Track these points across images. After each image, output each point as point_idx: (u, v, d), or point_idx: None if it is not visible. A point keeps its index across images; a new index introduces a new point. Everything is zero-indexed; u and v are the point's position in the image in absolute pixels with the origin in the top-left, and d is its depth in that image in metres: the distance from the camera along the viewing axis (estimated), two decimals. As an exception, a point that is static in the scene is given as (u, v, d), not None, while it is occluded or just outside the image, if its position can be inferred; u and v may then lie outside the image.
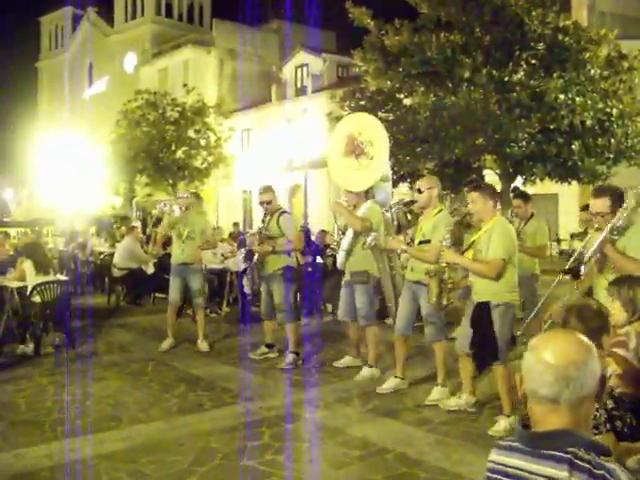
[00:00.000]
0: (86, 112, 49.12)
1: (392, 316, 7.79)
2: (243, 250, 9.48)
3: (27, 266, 9.26)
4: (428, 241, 6.44)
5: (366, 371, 7.47)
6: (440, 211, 6.57)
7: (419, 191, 6.59)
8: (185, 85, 36.92)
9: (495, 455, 1.89)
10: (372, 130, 7.72)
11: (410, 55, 16.38)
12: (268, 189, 8.44)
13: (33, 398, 6.86)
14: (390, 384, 6.87)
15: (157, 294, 13.22)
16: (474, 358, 5.93)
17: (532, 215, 8.32)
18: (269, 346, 8.73)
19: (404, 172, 17.18)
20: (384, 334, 8.38)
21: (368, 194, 7.69)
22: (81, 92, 52.53)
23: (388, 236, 7.13)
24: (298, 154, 27.51)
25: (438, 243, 6.13)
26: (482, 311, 5.73)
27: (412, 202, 7.34)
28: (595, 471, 1.67)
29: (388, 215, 8.12)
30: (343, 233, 7.73)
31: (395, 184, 17.68)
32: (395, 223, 8.91)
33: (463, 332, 6.03)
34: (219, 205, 38.60)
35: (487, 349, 5.69)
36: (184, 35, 44.77)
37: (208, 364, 8.37)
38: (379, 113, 18.02)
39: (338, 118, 19.19)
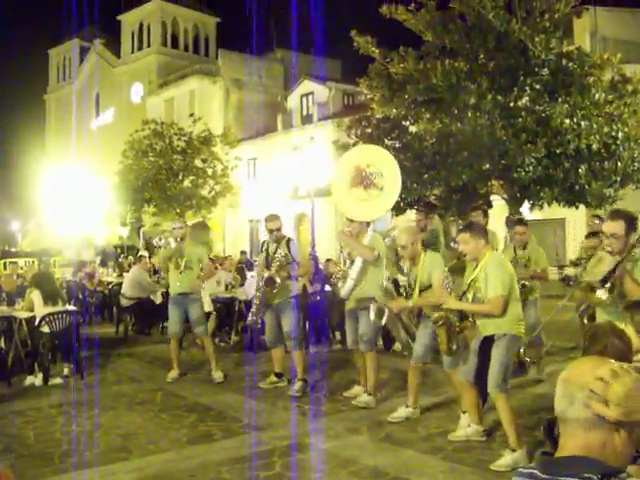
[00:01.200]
0: (93, 143, 49.48)
1: (401, 343, 7.74)
2: (256, 276, 9.39)
3: (35, 296, 9.27)
4: (429, 286, 6.51)
5: (364, 397, 7.43)
6: (426, 255, 6.67)
7: (403, 247, 6.63)
8: (191, 115, 37.15)
9: None
10: (382, 162, 7.73)
11: (415, 82, 16.42)
12: (276, 217, 8.50)
13: (42, 429, 6.83)
14: (401, 413, 6.79)
15: (165, 324, 13.18)
16: (479, 391, 5.90)
17: (527, 240, 8.40)
18: (278, 375, 8.68)
19: (411, 199, 17.16)
20: (388, 361, 8.37)
21: (368, 224, 7.68)
22: (88, 123, 52.94)
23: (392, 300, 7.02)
24: (304, 182, 27.56)
25: (439, 283, 6.27)
26: (487, 343, 5.70)
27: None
28: None
29: (388, 242, 8.12)
30: (351, 262, 7.69)
31: (402, 211, 17.70)
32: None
33: (468, 361, 6.01)
34: (226, 234, 38.66)
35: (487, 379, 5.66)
36: (190, 65, 45.16)
37: (217, 393, 8.32)
38: (385, 140, 18.07)
39: (344, 146, 19.24)
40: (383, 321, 6.95)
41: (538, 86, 16.28)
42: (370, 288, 7.41)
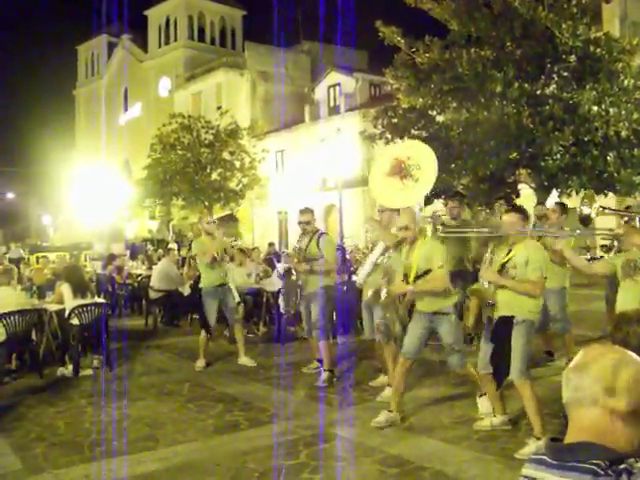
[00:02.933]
0: (122, 137, 49.86)
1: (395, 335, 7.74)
2: (280, 268, 9.58)
3: (65, 289, 9.40)
4: (425, 273, 6.31)
5: (388, 391, 7.27)
6: (426, 240, 6.58)
7: (406, 228, 6.53)
8: (219, 108, 37.36)
9: (525, 469, 1.87)
10: (422, 156, 7.73)
11: (441, 72, 16.37)
12: (308, 210, 8.73)
13: (72, 419, 6.94)
14: (381, 418, 6.40)
15: (194, 315, 13.29)
16: (494, 374, 5.86)
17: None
18: (320, 361, 8.76)
19: (438, 189, 17.10)
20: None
21: (399, 211, 7.68)
22: (117, 118, 53.37)
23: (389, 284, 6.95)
24: (332, 174, 27.59)
25: (439, 270, 6.16)
26: (505, 326, 5.68)
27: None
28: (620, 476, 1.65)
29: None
30: (372, 248, 7.74)
31: (430, 201, 17.64)
32: None
33: (482, 351, 5.99)
34: (254, 226, 38.80)
35: (506, 363, 5.63)
36: (217, 59, 45.29)
37: (244, 384, 8.38)
38: (412, 131, 18.04)
39: (371, 137, 19.23)
40: (379, 303, 6.88)
41: (565, 73, 16.14)
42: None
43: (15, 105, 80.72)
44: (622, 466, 1.65)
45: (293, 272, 8.66)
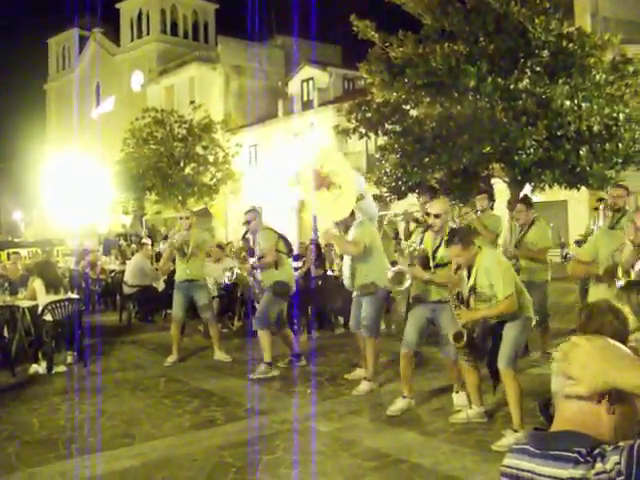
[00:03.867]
0: (95, 131, 49.39)
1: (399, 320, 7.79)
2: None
3: (38, 285, 9.30)
4: (445, 264, 6.34)
5: (365, 385, 7.38)
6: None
7: (436, 216, 6.49)
8: (192, 102, 37.16)
9: (508, 459, 1.88)
10: (331, 160, 7.76)
11: (415, 66, 16.38)
12: (251, 210, 8.86)
13: (46, 417, 6.87)
14: (399, 405, 6.55)
15: (168, 310, 13.21)
16: (489, 368, 5.89)
17: (533, 221, 8.33)
18: (295, 356, 8.85)
19: (412, 183, 17.16)
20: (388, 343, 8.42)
21: (354, 214, 7.69)
22: (89, 112, 52.87)
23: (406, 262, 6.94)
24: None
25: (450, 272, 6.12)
26: (499, 326, 5.73)
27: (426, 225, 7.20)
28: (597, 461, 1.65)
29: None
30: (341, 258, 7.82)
31: (404, 195, 17.71)
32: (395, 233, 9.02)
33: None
34: (228, 220, 38.66)
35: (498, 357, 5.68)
36: (189, 53, 45.02)
37: (220, 378, 8.36)
38: (386, 125, 18.07)
39: (345, 131, 19.22)
40: (404, 285, 6.86)
41: (538, 68, 16.25)
42: (372, 274, 7.41)
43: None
44: (597, 451, 1.66)
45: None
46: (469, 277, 5.76)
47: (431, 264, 6.46)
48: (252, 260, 8.62)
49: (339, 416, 6.49)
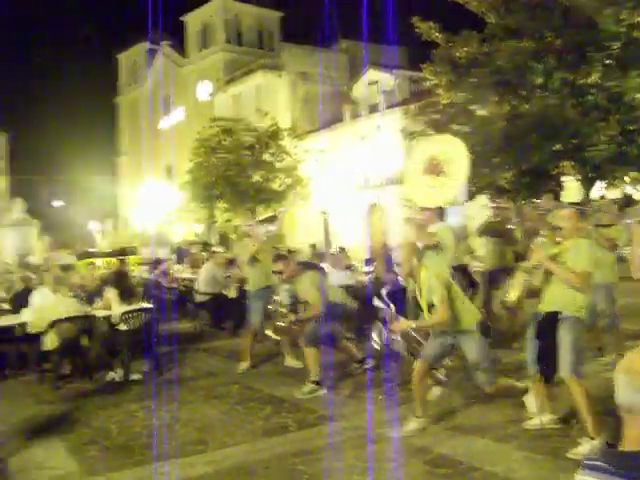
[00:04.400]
0: (164, 142, 50.37)
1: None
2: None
3: (112, 295, 9.55)
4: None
5: (435, 390, 7.28)
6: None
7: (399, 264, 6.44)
8: (259, 110, 37.46)
9: (580, 475, 1.83)
10: (454, 150, 7.65)
11: (480, 65, 16.20)
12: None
13: (123, 423, 7.06)
14: (410, 426, 6.29)
15: (240, 318, 13.34)
16: (542, 371, 5.77)
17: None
18: (360, 361, 8.78)
19: (482, 184, 16.93)
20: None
21: (442, 216, 7.60)
22: (159, 123, 53.91)
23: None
24: (374, 172, 27.52)
25: (440, 305, 6.00)
26: (551, 322, 5.61)
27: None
28: None
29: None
30: None
31: (473, 196, 17.48)
32: None
33: (528, 349, 5.92)
34: (298, 226, 38.85)
35: (554, 360, 5.55)
36: (255, 61, 45.45)
37: (292, 385, 8.37)
38: (453, 126, 17.89)
39: (412, 134, 19.12)
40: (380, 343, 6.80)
41: (608, 61, 15.82)
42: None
43: (57, 115, 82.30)
44: None
45: None
46: None
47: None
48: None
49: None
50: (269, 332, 9.34)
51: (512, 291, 6.00)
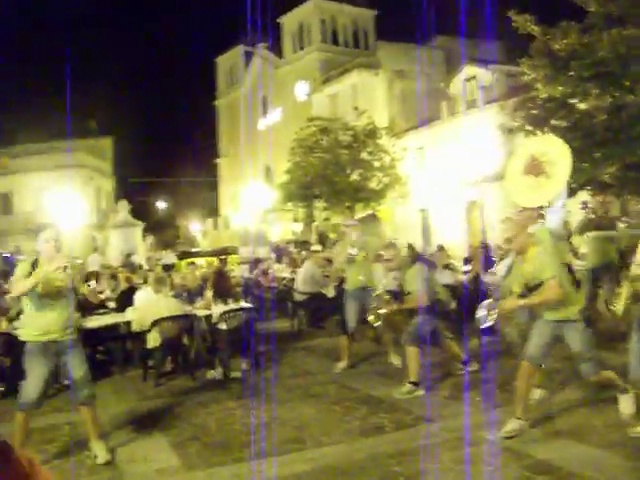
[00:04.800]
0: (263, 143, 51.13)
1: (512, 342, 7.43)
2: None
3: (212, 294, 9.80)
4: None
5: (535, 392, 7.13)
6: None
7: (508, 240, 6.28)
8: (356, 108, 37.51)
9: None
10: (557, 151, 7.49)
11: (580, 57, 15.65)
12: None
13: (223, 420, 7.23)
14: (510, 426, 6.17)
15: (338, 317, 13.40)
16: None
17: None
18: (465, 362, 8.71)
19: (583, 180, 16.40)
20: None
21: (540, 217, 7.46)
22: (257, 124, 54.75)
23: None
24: (472, 169, 27.12)
25: (552, 280, 5.88)
26: None
27: None
28: None
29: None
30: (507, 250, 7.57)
31: (574, 193, 16.98)
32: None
33: (632, 353, 5.71)
34: (396, 225, 38.70)
35: None
36: (351, 60, 45.56)
37: (389, 385, 8.36)
38: (552, 121, 17.40)
39: (510, 130, 18.72)
40: (492, 321, 6.65)
41: None
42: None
43: (160, 120, 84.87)
44: None
45: None
46: None
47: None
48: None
49: (509, 425, 6.34)
50: (370, 318, 9.34)
51: (619, 301, 5.82)
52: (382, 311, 8.58)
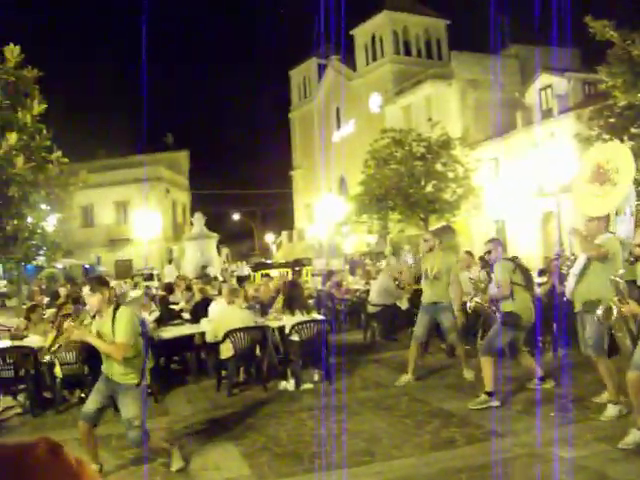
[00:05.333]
0: (336, 155, 51.38)
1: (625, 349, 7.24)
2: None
3: (280, 305, 9.92)
4: None
5: (611, 409, 6.92)
6: None
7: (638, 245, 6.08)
8: (429, 120, 37.33)
9: None
10: (620, 158, 7.32)
11: (663, 63, 15.25)
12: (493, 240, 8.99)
13: (294, 431, 7.28)
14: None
15: (412, 329, 13.34)
16: None
17: None
18: (540, 378, 8.55)
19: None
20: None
21: (608, 226, 7.27)
22: (331, 136, 55.05)
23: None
24: (548, 179, 26.63)
25: None
26: None
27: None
28: None
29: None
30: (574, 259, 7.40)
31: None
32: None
33: None
34: (472, 236, 38.28)
35: None
36: (424, 71, 45.39)
37: (461, 399, 8.28)
38: (631, 129, 16.96)
39: (587, 139, 18.32)
40: (610, 321, 6.44)
41: None
42: (598, 289, 6.93)
43: (236, 133, 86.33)
44: None
45: None
46: None
47: None
48: (492, 291, 8.49)
49: (584, 442, 6.18)
50: (458, 313, 9.36)
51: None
52: (476, 300, 8.62)
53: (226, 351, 9.41)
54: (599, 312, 6.34)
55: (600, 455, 5.85)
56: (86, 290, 6.09)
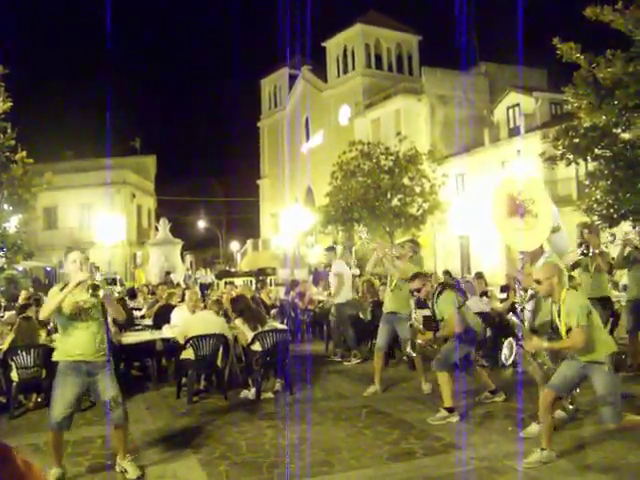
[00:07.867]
0: (304, 165, 51.48)
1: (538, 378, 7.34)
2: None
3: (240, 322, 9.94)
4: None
5: (535, 427, 6.98)
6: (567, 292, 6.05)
7: (537, 282, 6.19)
8: (398, 134, 37.58)
9: None
10: (530, 187, 7.37)
11: (625, 87, 15.48)
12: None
13: (253, 440, 7.25)
14: (534, 457, 6.09)
15: (374, 341, 13.37)
16: None
17: None
18: (493, 392, 8.66)
19: (624, 210, 16.15)
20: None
21: (541, 255, 7.33)
22: (299, 146, 55.17)
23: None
24: (513, 196, 26.96)
25: (577, 329, 5.73)
26: None
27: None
28: None
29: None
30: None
31: (616, 222, 16.76)
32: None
33: None
34: (436, 251, 38.57)
35: None
36: (394, 85, 45.72)
37: (421, 411, 8.33)
38: (595, 150, 17.22)
39: (552, 158, 18.57)
40: (511, 360, 6.58)
41: None
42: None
43: (204, 140, 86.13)
44: None
45: None
46: None
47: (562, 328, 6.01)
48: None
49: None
50: (407, 350, 9.32)
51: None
52: (418, 342, 8.56)
53: (187, 354, 9.39)
54: (505, 351, 6.45)
55: (552, 468, 5.93)
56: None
